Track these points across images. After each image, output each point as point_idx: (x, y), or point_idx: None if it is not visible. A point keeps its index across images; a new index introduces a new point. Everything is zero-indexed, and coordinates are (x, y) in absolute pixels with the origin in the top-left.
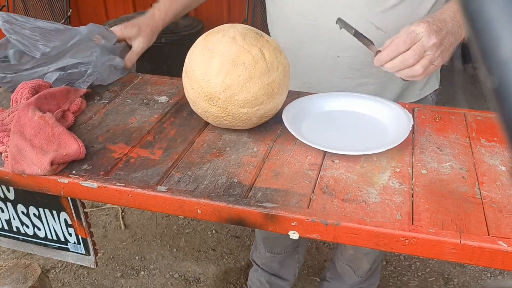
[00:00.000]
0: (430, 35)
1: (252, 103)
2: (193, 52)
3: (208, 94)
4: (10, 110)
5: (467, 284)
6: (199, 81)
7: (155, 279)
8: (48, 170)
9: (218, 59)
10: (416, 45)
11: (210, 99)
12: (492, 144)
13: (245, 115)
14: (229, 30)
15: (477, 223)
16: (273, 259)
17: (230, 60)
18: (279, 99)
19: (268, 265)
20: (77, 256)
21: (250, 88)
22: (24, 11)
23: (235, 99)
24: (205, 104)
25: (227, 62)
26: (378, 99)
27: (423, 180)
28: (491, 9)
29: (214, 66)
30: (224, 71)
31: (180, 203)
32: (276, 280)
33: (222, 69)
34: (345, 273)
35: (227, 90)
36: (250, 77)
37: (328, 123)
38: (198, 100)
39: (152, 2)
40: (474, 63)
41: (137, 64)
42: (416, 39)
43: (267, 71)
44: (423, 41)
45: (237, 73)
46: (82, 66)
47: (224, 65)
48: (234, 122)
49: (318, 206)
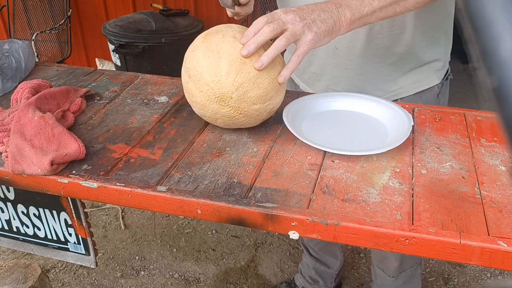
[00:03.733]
0: (287, 13)
1: (263, 99)
2: (195, 56)
3: (219, 95)
4: (10, 110)
5: (467, 284)
6: (208, 83)
7: (155, 279)
8: (48, 170)
9: (226, 59)
10: (274, 21)
11: (222, 100)
12: (492, 144)
13: (257, 111)
14: (227, 30)
15: (477, 223)
16: (313, 242)
17: (238, 59)
18: (283, 92)
19: (312, 248)
20: (77, 256)
21: (261, 83)
22: (24, 11)
23: (247, 96)
24: (216, 105)
25: (236, 61)
26: (378, 99)
27: (423, 180)
28: (491, 9)
29: (223, 66)
30: (234, 70)
31: (180, 203)
32: (321, 267)
33: (232, 68)
34: (379, 276)
35: (239, 88)
36: (259, 73)
37: (328, 123)
38: (208, 102)
39: (152, 2)
40: (474, 63)
41: (137, 64)
42: (274, 17)
43: (273, 66)
44: (281, 17)
45: (247, 71)
46: None
47: (233, 64)
48: (245, 120)
49: (318, 206)
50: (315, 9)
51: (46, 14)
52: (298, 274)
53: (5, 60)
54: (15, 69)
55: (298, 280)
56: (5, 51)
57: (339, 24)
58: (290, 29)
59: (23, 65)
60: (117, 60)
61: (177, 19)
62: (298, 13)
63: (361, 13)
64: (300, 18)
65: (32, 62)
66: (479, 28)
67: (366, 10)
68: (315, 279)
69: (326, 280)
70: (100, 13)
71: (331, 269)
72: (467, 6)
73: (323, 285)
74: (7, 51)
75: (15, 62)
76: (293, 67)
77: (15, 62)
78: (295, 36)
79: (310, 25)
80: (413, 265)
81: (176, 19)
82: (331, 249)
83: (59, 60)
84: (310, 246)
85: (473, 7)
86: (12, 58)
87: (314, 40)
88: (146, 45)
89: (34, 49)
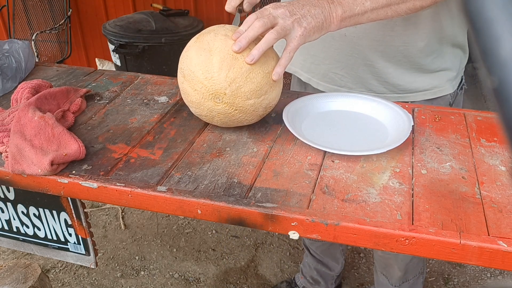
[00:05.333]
0: (277, 8)
1: (257, 93)
2: (188, 55)
3: (213, 92)
4: (10, 110)
5: (467, 284)
6: (201, 80)
7: (155, 279)
8: (48, 170)
9: (218, 55)
10: (264, 16)
11: (216, 97)
12: (492, 144)
13: (252, 106)
14: (219, 29)
15: (477, 223)
16: (314, 245)
17: (230, 55)
18: (279, 88)
19: (314, 250)
20: (77, 256)
21: (254, 78)
22: (24, 11)
23: (241, 91)
24: (211, 103)
25: (227, 57)
26: (378, 99)
27: (423, 180)
28: (491, 9)
29: (215, 63)
30: (226, 66)
31: (180, 203)
32: (323, 268)
33: (223, 64)
34: (382, 284)
35: (232, 83)
36: (251, 68)
37: (328, 123)
38: (203, 100)
39: (152, 2)
40: (474, 63)
41: (137, 64)
42: (264, 12)
43: (265, 61)
44: (271, 12)
45: (239, 66)
46: None
47: (224, 60)
48: (241, 116)
49: (318, 206)
50: (305, 4)
51: (46, 14)
52: (299, 274)
53: (5, 60)
54: (15, 69)
55: (299, 280)
56: (5, 51)
57: (330, 20)
58: (281, 23)
59: (23, 65)
60: (117, 60)
61: (177, 19)
62: (288, 8)
63: (352, 11)
64: (290, 13)
65: (32, 62)
66: (479, 28)
67: (358, 9)
68: (317, 279)
69: (327, 281)
70: (100, 13)
71: (332, 271)
72: (467, 6)
73: (324, 285)
74: (7, 51)
75: (15, 62)
76: (285, 63)
77: (15, 62)
78: (285, 30)
79: (300, 20)
80: (416, 274)
81: (176, 19)
82: (332, 253)
83: (59, 60)
84: (312, 249)
85: (473, 7)
86: (12, 58)
87: (303, 36)
88: (146, 45)
89: (34, 49)
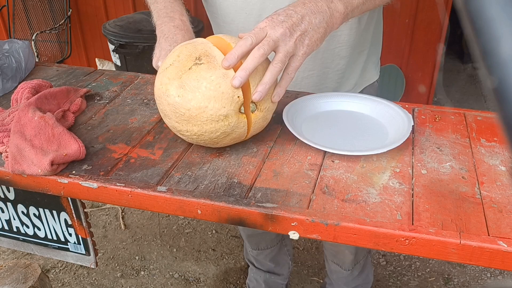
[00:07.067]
0: (275, 27)
1: None
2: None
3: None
4: (10, 110)
5: (467, 284)
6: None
7: (155, 279)
8: (48, 170)
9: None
10: (263, 41)
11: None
12: (492, 144)
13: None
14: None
15: (477, 223)
16: (262, 255)
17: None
18: None
19: (260, 262)
20: (77, 256)
21: None
22: (24, 11)
23: None
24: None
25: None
26: (378, 99)
27: (423, 180)
28: (491, 9)
29: (210, 101)
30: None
31: (180, 203)
32: (272, 277)
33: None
34: (334, 271)
35: None
36: None
37: (328, 123)
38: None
39: None
40: (474, 63)
41: (137, 64)
42: (261, 34)
43: None
44: (270, 34)
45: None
46: None
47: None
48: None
49: (318, 206)
50: (305, 14)
51: (46, 14)
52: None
53: (5, 60)
54: (15, 69)
55: None
56: (5, 51)
57: (333, 22)
58: (282, 49)
59: (23, 65)
60: (117, 60)
61: None
62: (287, 25)
63: (352, 5)
64: (290, 32)
65: (32, 62)
66: (479, 28)
67: (356, 2)
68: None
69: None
70: (100, 13)
71: (281, 275)
72: (467, 6)
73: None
74: (7, 51)
75: (15, 62)
76: (286, 84)
77: (15, 62)
78: (288, 55)
79: (302, 38)
80: (365, 254)
81: None
82: (279, 259)
83: (59, 60)
84: (259, 260)
85: (473, 7)
86: (12, 58)
87: (306, 53)
88: (146, 45)
89: (34, 49)
